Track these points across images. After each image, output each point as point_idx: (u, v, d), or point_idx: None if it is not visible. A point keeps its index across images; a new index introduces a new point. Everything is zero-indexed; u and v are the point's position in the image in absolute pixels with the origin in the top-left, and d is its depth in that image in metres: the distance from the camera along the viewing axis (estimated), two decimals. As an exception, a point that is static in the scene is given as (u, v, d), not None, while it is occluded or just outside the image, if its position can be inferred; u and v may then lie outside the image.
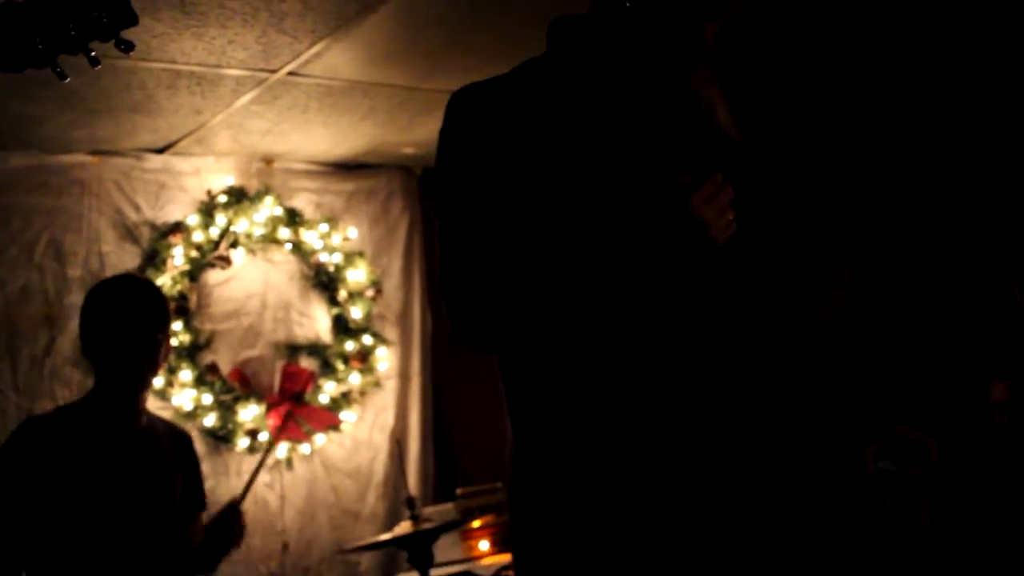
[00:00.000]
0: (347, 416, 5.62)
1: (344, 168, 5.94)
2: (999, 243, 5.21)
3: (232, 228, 5.41)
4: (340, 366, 5.63)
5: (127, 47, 1.86)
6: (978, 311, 5.29)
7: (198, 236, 5.30)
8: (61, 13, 1.75)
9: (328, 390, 5.57)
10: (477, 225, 2.07)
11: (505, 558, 4.74)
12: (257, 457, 5.25)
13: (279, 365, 5.52)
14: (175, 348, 5.09)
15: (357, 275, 5.75)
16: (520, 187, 2.06)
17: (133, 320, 3.68)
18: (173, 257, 5.20)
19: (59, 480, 3.53)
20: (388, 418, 5.82)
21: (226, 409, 5.21)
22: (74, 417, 3.69)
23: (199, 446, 4.89)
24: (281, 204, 5.59)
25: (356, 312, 5.72)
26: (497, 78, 2.22)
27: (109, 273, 4.95)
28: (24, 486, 3.48)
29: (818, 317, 2.42)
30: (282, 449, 5.37)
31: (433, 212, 2.23)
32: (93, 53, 1.85)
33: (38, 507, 3.49)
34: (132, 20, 1.84)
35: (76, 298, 4.79)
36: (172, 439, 3.99)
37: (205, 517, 4.23)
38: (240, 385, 5.34)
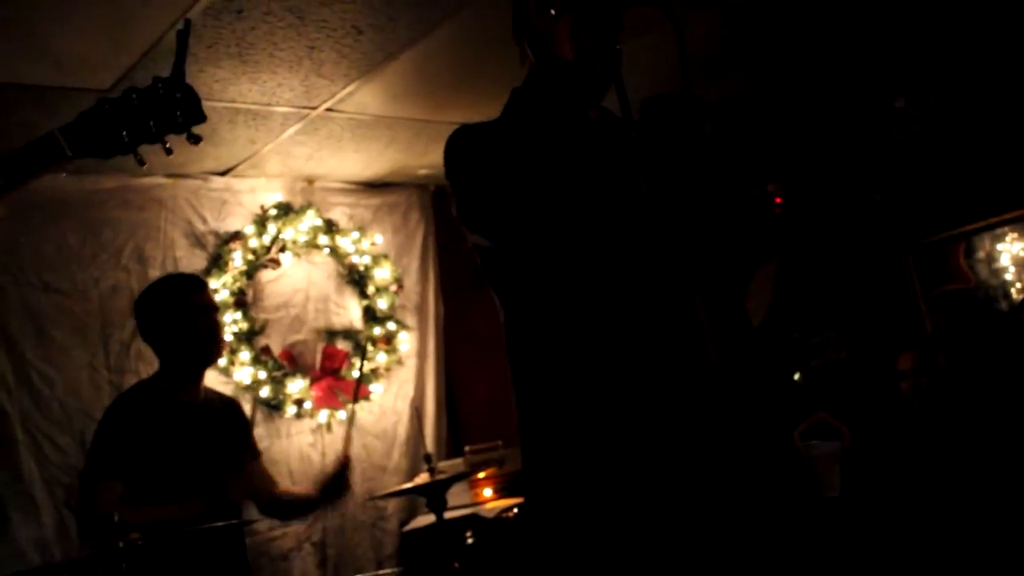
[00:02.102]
0: (375, 388, 5.62)
1: (372, 186, 5.94)
2: (900, 243, 5.27)
3: (281, 236, 5.42)
4: (369, 348, 5.63)
5: (195, 140, 1.83)
6: (884, 300, 5.34)
7: (253, 242, 5.31)
8: (145, 111, 1.74)
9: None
10: (485, 186, 2.09)
11: (505, 503, 4.77)
12: (304, 421, 5.33)
13: (320, 347, 5.53)
14: (236, 333, 5.14)
15: (383, 273, 5.75)
16: (509, 174, 2.09)
17: (196, 301, 3.77)
18: (233, 260, 5.21)
19: (144, 440, 3.61)
20: (409, 390, 5.81)
21: (277, 383, 5.22)
22: (151, 392, 3.77)
23: (256, 415, 5.00)
24: (321, 216, 5.59)
25: (382, 303, 5.71)
26: (481, 123, 2.26)
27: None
28: (119, 445, 3.57)
29: (750, 309, 2.43)
30: (323, 415, 5.37)
31: (448, 214, 2.27)
32: (168, 145, 1.83)
33: (131, 459, 3.56)
34: (201, 118, 1.82)
35: (156, 294, 4.91)
36: (223, 406, 4.05)
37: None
38: (289, 363, 5.34)
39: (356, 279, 5.74)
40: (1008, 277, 4.99)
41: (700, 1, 3.79)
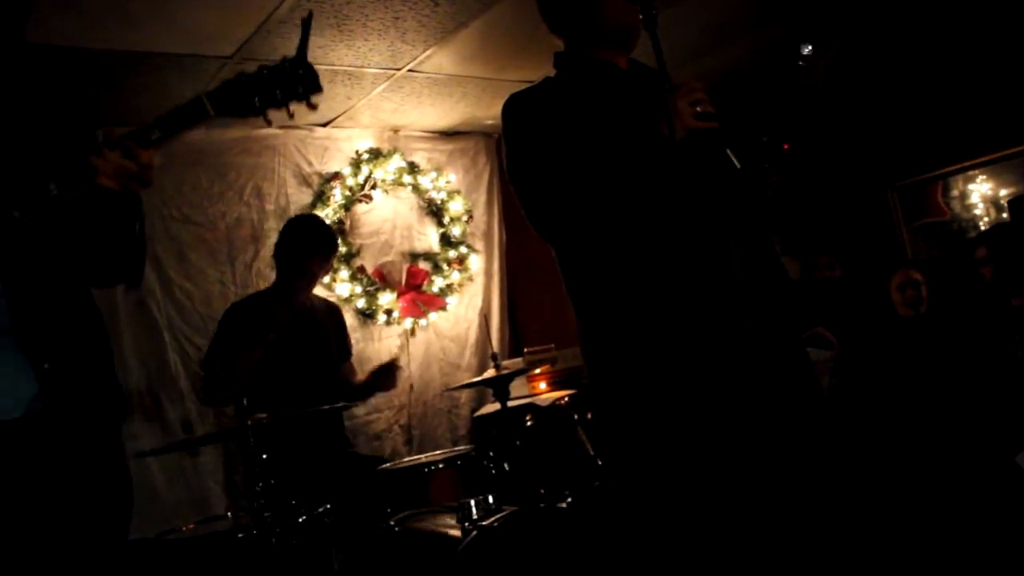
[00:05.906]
0: (450, 300, 5.65)
1: (446, 134, 5.88)
2: (886, 182, 5.18)
3: (372, 175, 5.41)
4: (445, 267, 5.64)
5: (313, 107, 1.83)
6: (873, 230, 5.27)
7: (350, 181, 5.31)
8: (272, 83, 1.75)
9: (437, 283, 5.60)
10: (549, 165, 2.05)
11: (557, 394, 4.75)
12: (392, 327, 5.38)
13: (405, 267, 5.55)
14: (337, 255, 5.16)
15: (456, 206, 5.74)
16: (569, 139, 2.06)
17: (309, 263, 3.84)
18: (334, 195, 5.23)
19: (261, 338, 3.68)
20: (477, 301, 5.83)
21: (371, 296, 5.26)
22: (259, 298, 3.89)
23: (353, 321, 5.06)
24: (405, 159, 5.56)
25: (456, 231, 5.71)
26: (532, 88, 2.23)
27: (293, 207, 5.08)
28: (226, 334, 3.71)
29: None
30: (407, 322, 5.42)
31: (506, 169, 2.21)
32: (291, 110, 1.83)
33: (249, 351, 3.64)
34: (318, 89, 1.82)
35: (271, 224, 4.96)
36: (326, 311, 4.13)
37: (358, 366, 4.36)
38: (380, 280, 5.37)
39: (434, 211, 5.73)
40: (978, 212, 4.97)
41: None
